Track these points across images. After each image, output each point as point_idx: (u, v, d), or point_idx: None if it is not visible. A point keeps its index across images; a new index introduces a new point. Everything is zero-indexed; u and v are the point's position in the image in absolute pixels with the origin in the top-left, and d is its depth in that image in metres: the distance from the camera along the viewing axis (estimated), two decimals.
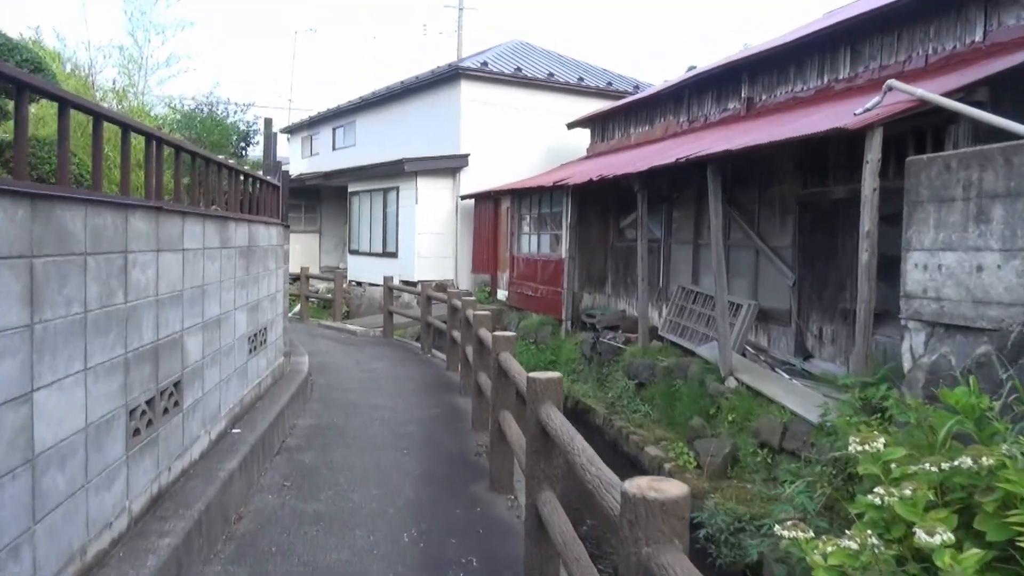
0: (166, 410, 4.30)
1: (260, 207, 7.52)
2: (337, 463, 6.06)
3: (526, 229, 15.54)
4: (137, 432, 3.86)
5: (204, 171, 5.60)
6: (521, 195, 15.58)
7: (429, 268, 17.97)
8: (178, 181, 4.67)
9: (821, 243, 8.55)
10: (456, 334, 10.25)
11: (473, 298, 8.67)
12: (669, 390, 9.53)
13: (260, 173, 7.87)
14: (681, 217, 11.86)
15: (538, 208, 14.88)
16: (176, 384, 4.50)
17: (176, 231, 4.43)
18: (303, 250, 23.66)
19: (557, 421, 3.38)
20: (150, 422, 4.04)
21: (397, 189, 18.55)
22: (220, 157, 6.56)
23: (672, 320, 11.07)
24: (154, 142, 4.15)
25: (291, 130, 28.29)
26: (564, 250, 13.56)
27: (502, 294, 16.48)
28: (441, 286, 17.82)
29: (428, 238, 17.97)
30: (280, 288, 8.15)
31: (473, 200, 17.79)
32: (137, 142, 4.48)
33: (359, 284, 20.23)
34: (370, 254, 19.84)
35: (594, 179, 11.31)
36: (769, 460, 7.37)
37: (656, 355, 10.47)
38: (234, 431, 5.75)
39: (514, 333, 7.46)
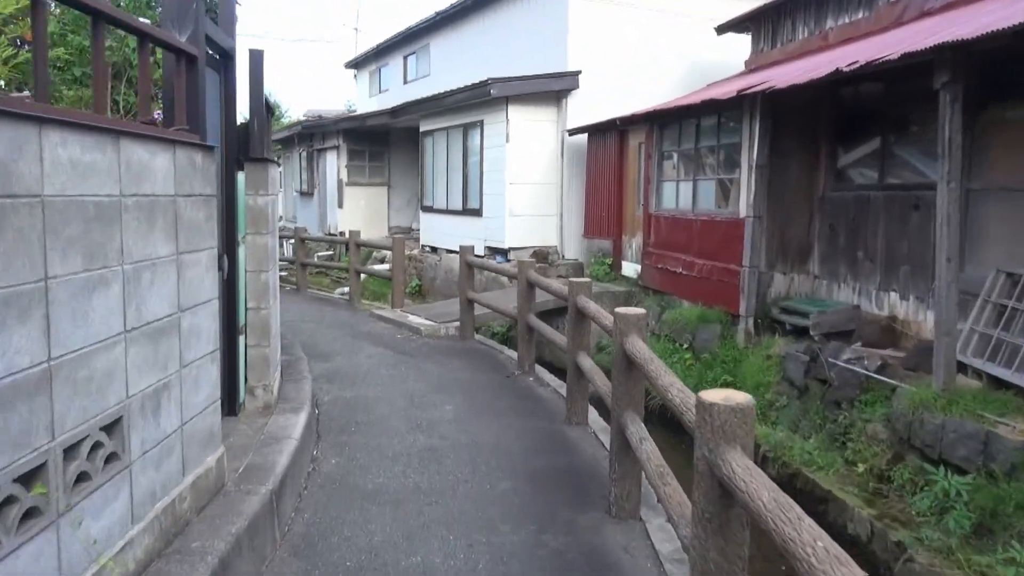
0: None
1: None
2: None
3: (672, 173, 10.48)
4: None
5: None
6: (664, 122, 10.50)
7: (525, 231, 13.19)
8: None
9: None
10: (587, 363, 5.46)
11: (641, 312, 3.78)
12: None
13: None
14: (999, 142, 6.51)
15: (694, 141, 9.78)
16: None
17: None
18: (368, 207, 19.31)
19: None
20: None
21: (481, 124, 13.75)
22: None
23: (989, 335, 5.90)
24: None
25: (357, 64, 23.80)
26: (744, 204, 8.48)
27: (630, 268, 11.55)
28: (541, 254, 13.07)
29: (523, 190, 13.15)
30: (210, 296, 3.53)
31: (586, 136, 12.78)
32: None
33: (434, 250, 15.71)
34: (447, 212, 15.22)
35: (843, 68, 6.13)
36: None
37: (978, 407, 5.38)
38: None
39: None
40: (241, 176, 4.68)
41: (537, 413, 6.15)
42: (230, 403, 4.57)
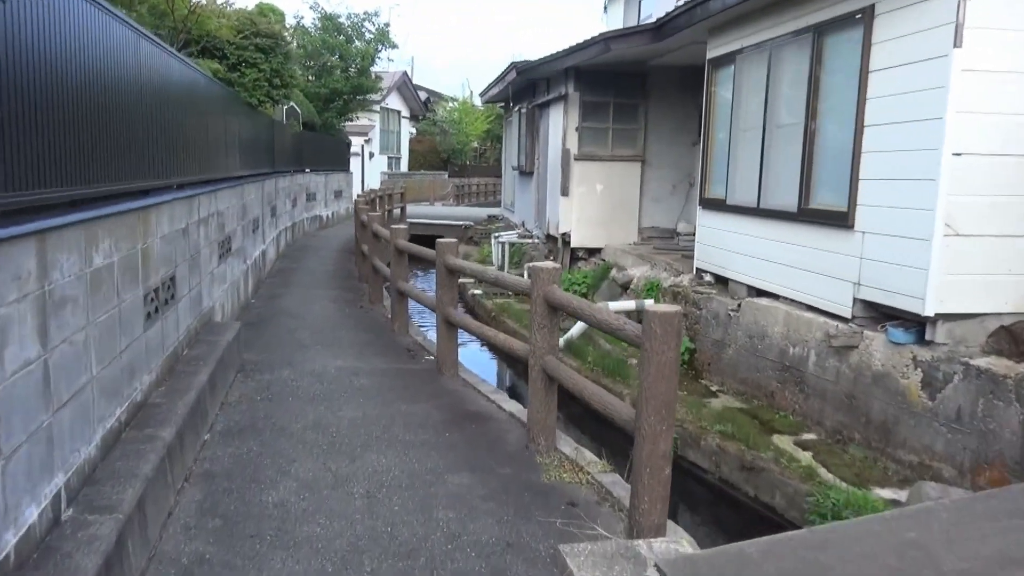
0: None
1: None
2: None
3: None
4: None
5: None
6: None
7: (980, 272, 5.18)
8: None
9: None
10: None
11: None
12: None
13: None
14: None
15: None
16: None
17: None
18: (609, 195, 12.15)
19: None
20: None
21: (865, 18, 5.88)
22: None
23: None
24: None
25: None
26: None
27: None
28: (1020, 336, 4.99)
29: (985, 168, 5.14)
30: None
31: None
32: None
33: (720, 282, 8.19)
34: (758, 212, 7.53)
35: None
36: None
37: None
38: None
39: None
40: None
41: None
42: None
